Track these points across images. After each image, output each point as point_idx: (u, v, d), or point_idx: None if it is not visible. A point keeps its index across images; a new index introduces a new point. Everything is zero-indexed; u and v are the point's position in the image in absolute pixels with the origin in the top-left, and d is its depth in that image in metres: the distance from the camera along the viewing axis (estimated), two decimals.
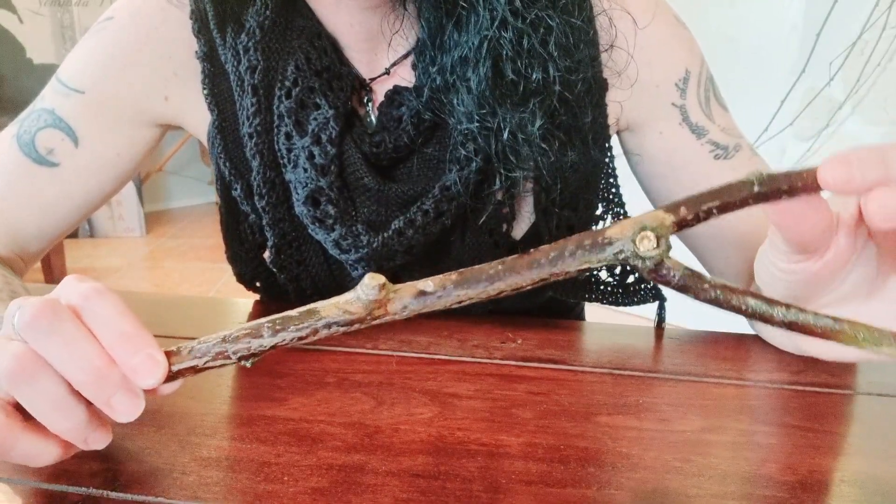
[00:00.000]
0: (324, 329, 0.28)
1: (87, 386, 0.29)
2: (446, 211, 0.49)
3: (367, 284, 0.27)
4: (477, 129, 0.47)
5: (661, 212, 0.25)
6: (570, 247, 0.26)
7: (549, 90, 0.47)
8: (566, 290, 0.57)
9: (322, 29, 0.52)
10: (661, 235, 0.25)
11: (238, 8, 0.52)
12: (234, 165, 0.54)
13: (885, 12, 1.57)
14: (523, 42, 0.46)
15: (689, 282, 0.25)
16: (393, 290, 0.27)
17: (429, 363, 0.47)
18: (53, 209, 0.55)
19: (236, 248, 0.58)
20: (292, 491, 0.33)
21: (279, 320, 0.29)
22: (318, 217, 0.49)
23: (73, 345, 0.29)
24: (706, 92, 0.53)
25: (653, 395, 0.43)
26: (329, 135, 0.49)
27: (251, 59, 0.50)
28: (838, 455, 0.37)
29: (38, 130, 0.53)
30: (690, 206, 0.25)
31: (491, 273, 0.27)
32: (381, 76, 0.53)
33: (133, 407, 0.30)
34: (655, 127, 0.54)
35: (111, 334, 0.29)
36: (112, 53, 0.54)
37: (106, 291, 0.31)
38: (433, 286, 0.27)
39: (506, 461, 0.35)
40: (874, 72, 1.61)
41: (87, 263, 2.80)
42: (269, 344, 0.29)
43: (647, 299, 0.59)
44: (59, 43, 2.99)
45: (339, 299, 0.28)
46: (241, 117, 0.52)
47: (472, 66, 0.46)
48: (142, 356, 0.29)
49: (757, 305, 0.25)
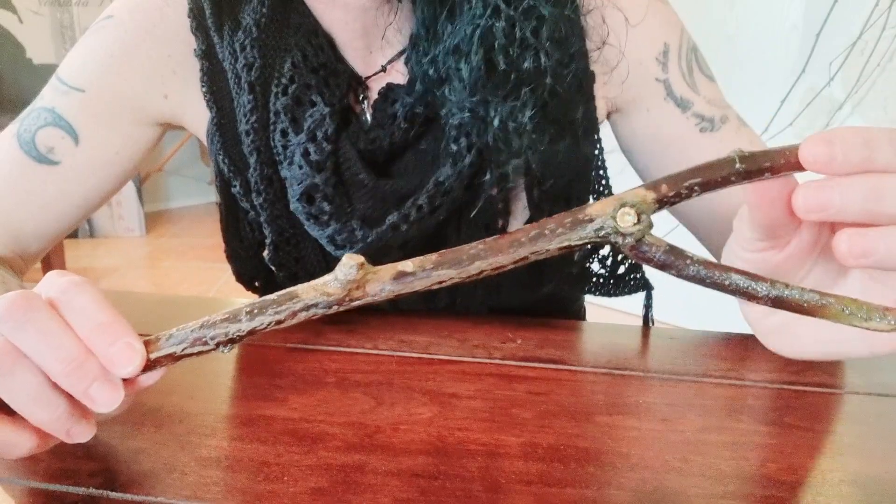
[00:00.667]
0: (302, 312, 0.28)
1: (64, 377, 0.29)
2: (440, 205, 0.49)
3: (345, 264, 0.27)
4: (468, 120, 0.47)
5: (643, 189, 0.25)
6: (551, 225, 0.26)
7: (541, 80, 0.47)
8: (563, 283, 0.58)
9: (318, 26, 0.52)
10: (641, 212, 0.24)
11: (235, 5, 0.52)
12: (233, 162, 0.54)
13: (885, 12, 1.57)
14: (515, 31, 0.46)
15: (670, 258, 0.25)
16: (372, 271, 0.27)
17: (428, 363, 0.47)
18: (53, 208, 0.55)
19: (235, 246, 0.58)
20: (292, 491, 0.33)
21: (257, 304, 0.29)
22: (313, 213, 0.50)
23: (49, 335, 0.28)
24: (688, 63, 0.53)
25: (653, 395, 0.43)
26: (325, 132, 0.49)
27: (248, 57, 0.50)
28: (838, 455, 0.37)
29: (38, 129, 0.53)
30: (671, 184, 0.25)
31: (472, 253, 0.26)
32: (377, 73, 0.53)
33: (112, 397, 0.29)
34: (642, 105, 0.54)
35: (88, 324, 0.29)
36: (112, 52, 0.54)
37: (83, 283, 0.30)
38: (412, 266, 0.27)
39: (506, 461, 0.35)
40: (874, 72, 1.61)
41: (86, 263, 2.80)
42: (246, 329, 0.29)
43: (637, 289, 0.60)
44: (59, 43, 2.99)
45: (318, 281, 0.28)
46: (238, 114, 0.52)
47: (464, 55, 0.46)
48: (119, 345, 0.29)
49: (741, 281, 0.25)
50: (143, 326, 0.53)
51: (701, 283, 0.25)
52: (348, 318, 0.54)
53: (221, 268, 2.81)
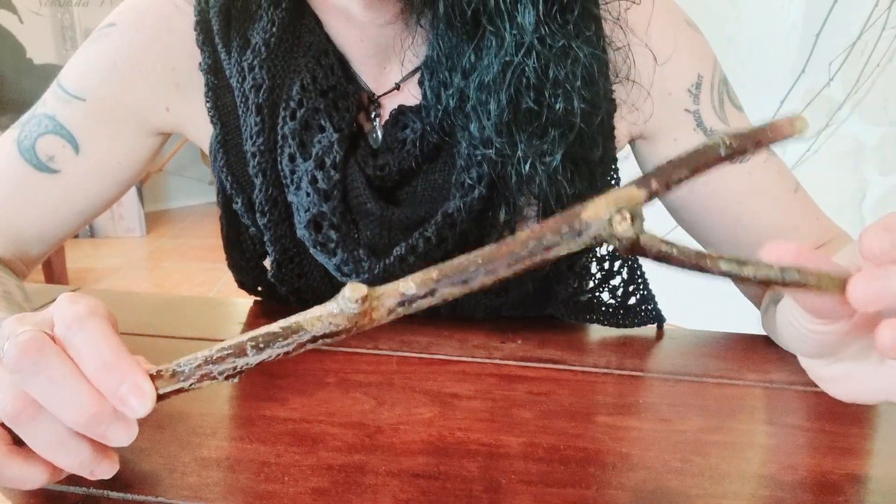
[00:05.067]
0: (310, 343, 0.28)
1: (80, 427, 0.29)
2: (448, 237, 0.49)
3: (347, 297, 0.27)
4: (491, 156, 0.46)
5: (633, 188, 0.25)
6: (548, 235, 0.26)
7: (572, 122, 0.46)
8: (569, 312, 0.57)
9: (329, 45, 0.51)
10: (635, 214, 0.25)
11: (244, 21, 0.51)
12: (237, 180, 0.53)
13: (884, 12, 1.57)
14: (549, 71, 0.45)
15: (664, 253, 0.26)
16: (375, 297, 0.27)
17: (429, 363, 0.47)
18: (54, 215, 0.55)
19: (237, 258, 0.58)
20: (293, 491, 0.33)
21: (261, 338, 0.28)
22: (321, 241, 0.49)
23: (61, 385, 0.28)
24: (720, 95, 0.52)
25: (653, 395, 0.43)
26: (333, 159, 0.48)
27: (256, 78, 0.49)
28: (838, 455, 0.37)
29: (38, 136, 0.53)
30: (660, 178, 0.25)
31: (472, 270, 0.27)
32: (389, 92, 0.52)
33: (128, 433, 0.30)
34: (670, 134, 0.53)
35: (93, 366, 0.29)
36: (114, 62, 0.53)
37: (87, 317, 0.30)
38: (415, 287, 0.27)
39: (506, 461, 0.35)
40: (874, 72, 1.61)
41: (87, 263, 2.80)
42: (254, 361, 0.29)
43: (648, 321, 0.58)
44: (59, 43, 2.99)
45: (323, 311, 0.28)
46: (244, 134, 0.51)
47: (493, 92, 0.45)
48: (127, 386, 0.29)
49: (729, 266, 0.26)
50: (144, 327, 0.53)
51: (695, 271, 0.26)
52: None
53: (222, 268, 2.79)
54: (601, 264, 0.57)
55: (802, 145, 1.74)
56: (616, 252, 0.57)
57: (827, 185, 1.60)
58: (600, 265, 0.58)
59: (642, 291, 0.57)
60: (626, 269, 0.57)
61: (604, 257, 0.57)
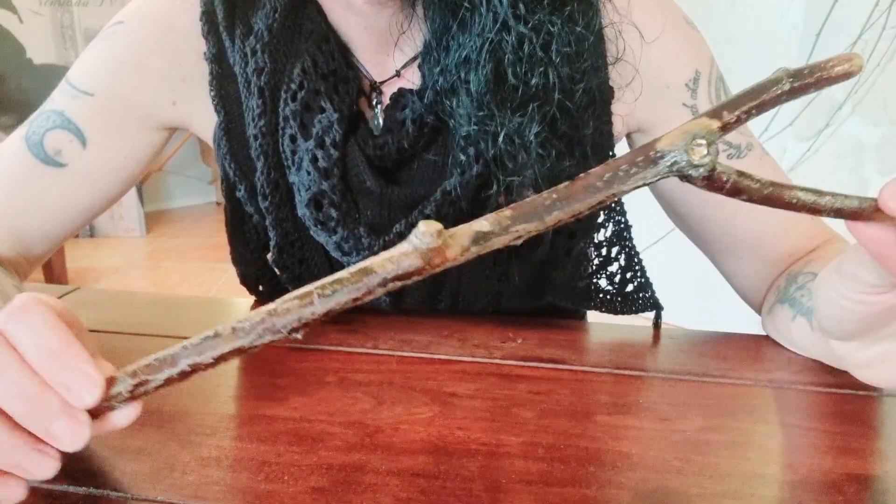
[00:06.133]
0: (379, 287, 0.26)
1: (24, 416, 0.27)
2: (447, 215, 0.49)
3: (423, 232, 0.25)
4: (475, 133, 0.47)
5: (706, 118, 0.25)
6: (624, 166, 0.26)
7: (549, 96, 0.47)
8: (567, 298, 0.57)
9: (331, 33, 0.52)
10: (710, 142, 0.25)
11: (247, 9, 0.52)
12: (239, 166, 0.54)
13: (884, 12, 1.57)
14: (524, 46, 0.46)
15: (740, 183, 0.25)
16: (449, 235, 0.26)
17: (429, 363, 0.47)
18: (59, 210, 0.56)
19: (241, 250, 0.59)
20: (292, 490, 0.33)
21: (329, 285, 0.27)
22: (321, 220, 0.50)
23: (2, 372, 0.27)
24: (717, 91, 0.53)
25: (653, 394, 0.43)
26: (333, 138, 0.49)
27: (258, 61, 0.50)
28: (838, 455, 0.37)
29: (46, 131, 0.54)
30: (731, 109, 0.25)
31: (546, 204, 0.26)
32: (390, 79, 0.53)
33: (75, 434, 0.28)
34: (667, 128, 0.53)
35: (38, 353, 0.28)
36: (122, 58, 0.54)
37: (31, 306, 0.28)
38: (489, 225, 0.26)
39: (506, 461, 0.35)
40: (874, 72, 1.61)
41: (87, 263, 2.80)
42: (321, 311, 0.27)
43: (645, 308, 0.59)
44: (59, 43, 2.99)
45: (393, 252, 0.26)
46: (246, 118, 0.52)
47: (473, 67, 0.46)
48: (73, 374, 0.27)
49: (806, 196, 0.26)
50: (143, 327, 0.53)
51: (771, 203, 0.26)
52: (349, 318, 0.54)
53: (222, 268, 2.81)
54: (599, 250, 0.58)
55: (803, 145, 1.74)
56: (613, 238, 0.57)
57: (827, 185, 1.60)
58: (598, 251, 0.58)
59: (640, 279, 0.58)
60: (623, 255, 0.58)
61: (601, 243, 0.58)
